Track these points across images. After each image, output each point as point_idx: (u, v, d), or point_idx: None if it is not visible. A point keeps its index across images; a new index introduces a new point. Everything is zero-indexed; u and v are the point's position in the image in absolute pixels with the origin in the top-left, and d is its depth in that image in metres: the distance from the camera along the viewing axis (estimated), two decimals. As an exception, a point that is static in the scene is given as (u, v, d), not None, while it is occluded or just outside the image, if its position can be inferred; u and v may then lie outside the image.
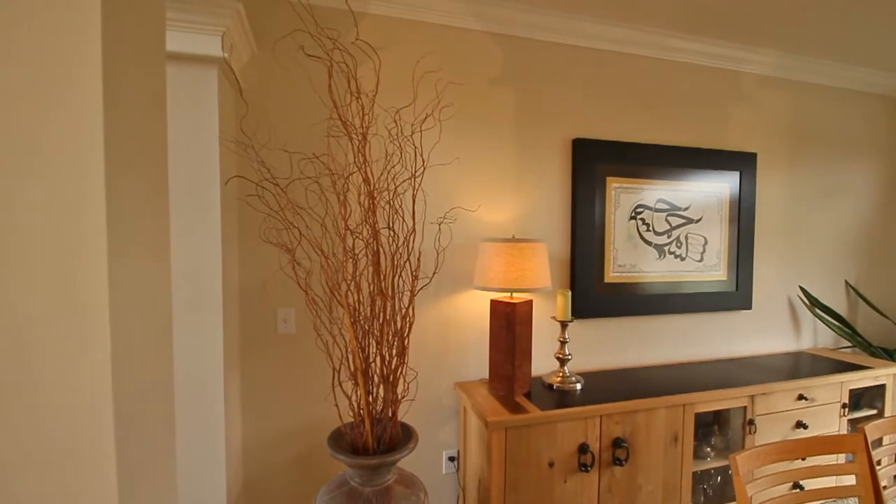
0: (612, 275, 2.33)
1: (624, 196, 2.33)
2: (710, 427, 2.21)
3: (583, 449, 1.75)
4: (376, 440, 1.41)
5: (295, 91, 1.86)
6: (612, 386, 2.02)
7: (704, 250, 2.50)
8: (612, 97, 2.32)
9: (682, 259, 2.46)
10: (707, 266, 2.51)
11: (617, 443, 1.80)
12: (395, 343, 1.46)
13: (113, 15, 0.64)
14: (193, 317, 1.45)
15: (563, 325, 1.99)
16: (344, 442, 1.44)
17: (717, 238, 2.53)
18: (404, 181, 1.67)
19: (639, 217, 2.37)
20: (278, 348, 1.88)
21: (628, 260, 2.36)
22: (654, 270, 2.40)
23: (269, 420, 1.88)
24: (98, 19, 0.62)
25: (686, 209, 2.45)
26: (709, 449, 2.12)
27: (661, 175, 2.39)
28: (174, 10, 1.31)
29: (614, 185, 2.31)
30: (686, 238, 2.46)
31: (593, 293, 2.28)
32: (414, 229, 1.54)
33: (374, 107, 1.84)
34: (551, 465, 1.73)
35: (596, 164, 2.26)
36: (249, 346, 1.85)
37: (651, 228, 2.39)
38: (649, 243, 2.39)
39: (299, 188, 1.72)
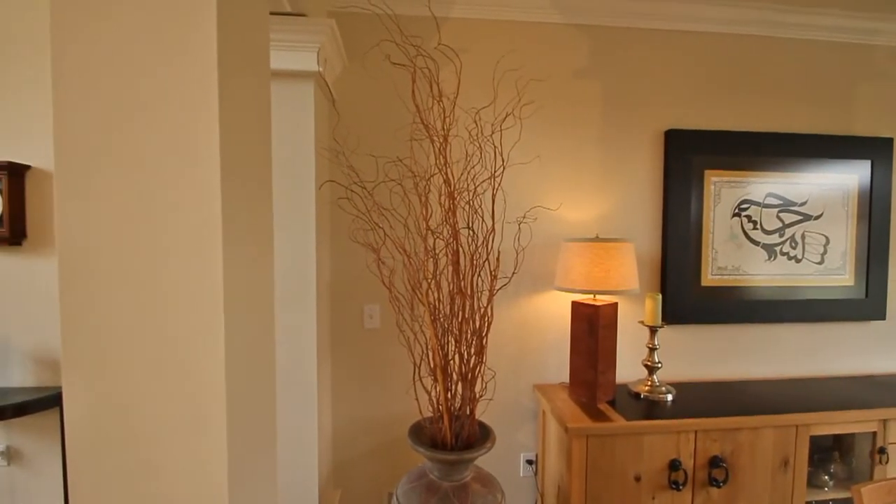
0: (710, 278, 2.13)
1: (726, 191, 2.12)
2: (829, 453, 1.93)
3: (674, 465, 1.63)
4: (454, 436, 1.44)
5: (381, 98, 1.95)
6: (708, 399, 1.86)
7: (826, 251, 2.19)
8: (712, 83, 2.12)
9: (798, 261, 2.18)
10: (829, 269, 2.20)
11: (714, 462, 1.65)
12: (474, 342, 1.47)
13: (226, 43, 0.73)
14: (290, 310, 1.59)
15: (653, 330, 1.87)
16: (423, 435, 1.48)
17: (842, 237, 2.20)
18: (484, 181, 1.67)
19: (744, 214, 2.14)
20: (364, 342, 2.00)
21: (730, 261, 2.14)
22: (762, 273, 2.16)
23: (355, 409, 2.00)
24: (214, 51, 0.71)
25: (803, 204, 2.16)
26: (826, 477, 1.86)
27: (771, 166, 2.13)
28: (276, 31, 1.45)
29: (714, 179, 2.11)
30: (803, 237, 2.17)
31: (688, 297, 2.11)
32: (493, 229, 1.54)
33: (455, 109, 1.86)
34: (638, 479, 1.63)
35: (692, 156, 2.09)
36: (339, 338, 1.98)
37: (759, 226, 2.15)
38: (756, 243, 2.15)
39: (384, 190, 1.81)
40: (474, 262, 1.50)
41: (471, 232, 1.53)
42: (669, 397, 1.84)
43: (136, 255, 0.72)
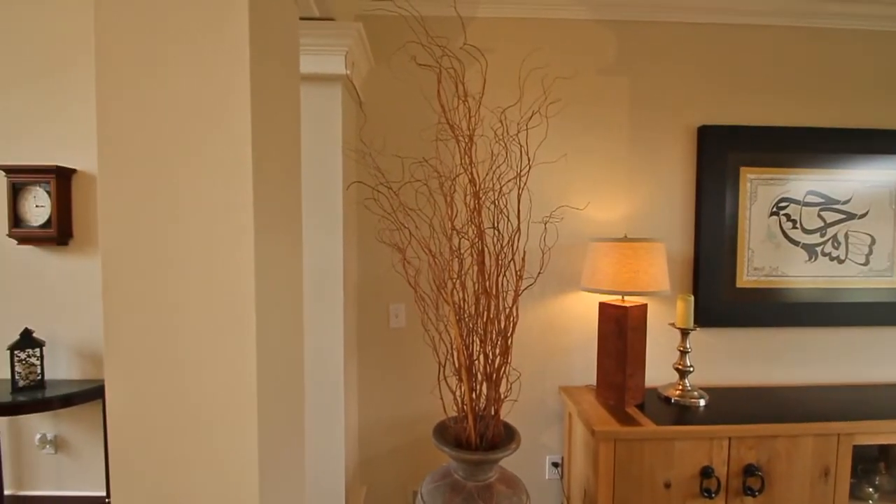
0: (745, 279, 2.05)
1: (763, 189, 2.04)
2: (875, 464, 1.83)
3: (706, 473, 1.58)
4: (479, 436, 1.44)
5: (407, 99, 1.97)
6: (743, 405, 1.79)
7: (871, 251, 2.08)
8: (748, 77, 2.04)
9: (841, 262, 2.07)
10: (874, 271, 2.08)
11: (749, 470, 1.59)
12: (499, 342, 1.47)
13: (258, 50, 0.75)
14: (318, 308, 1.62)
15: (684, 333, 1.82)
16: (448, 435, 1.49)
17: (889, 237, 2.08)
18: (509, 181, 1.66)
19: (782, 212, 2.05)
20: (390, 341, 2.02)
21: (768, 262, 2.06)
22: (801, 275, 2.07)
23: (381, 407, 2.03)
24: (247, 59, 0.73)
25: (846, 202, 2.06)
26: (871, 490, 1.77)
27: (812, 163, 2.04)
28: (305, 36, 1.48)
29: (750, 177, 2.04)
30: (846, 237, 2.07)
31: (722, 299, 2.04)
32: (519, 229, 1.53)
33: (481, 108, 1.86)
34: (668, 486, 1.59)
35: (727, 153, 2.02)
36: (365, 337, 2.01)
37: (798, 225, 2.06)
38: (796, 243, 2.06)
39: (410, 191, 1.82)
40: (499, 261, 1.50)
41: (496, 232, 1.53)
42: (702, 402, 1.78)
43: (173, 255, 0.75)
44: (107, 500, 2.29)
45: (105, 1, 0.72)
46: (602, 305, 1.83)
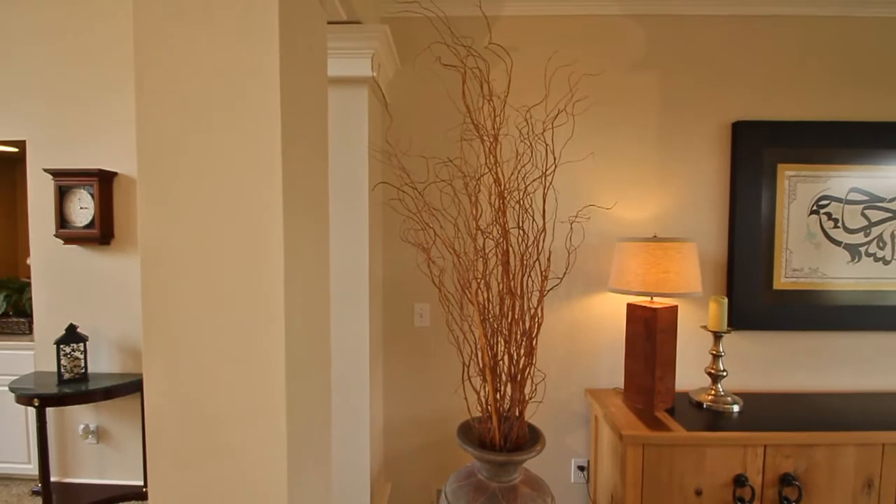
0: (783, 280, 1.97)
1: (802, 186, 1.96)
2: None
3: (739, 481, 1.53)
4: (503, 437, 1.43)
5: (432, 100, 1.97)
6: (779, 412, 1.72)
7: (922, 253, 1.96)
8: (786, 70, 1.96)
9: (887, 263, 1.97)
10: (926, 273, 1.96)
11: (786, 479, 1.52)
12: (523, 343, 1.46)
13: (288, 58, 0.77)
14: (344, 307, 1.65)
15: (717, 336, 1.76)
16: (472, 435, 1.49)
17: (945, 237, 1.96)
18: (535, 180, 1.65)
19: (823, 211, 1.96)
20: (414, 340, 2.03)
21: (807, 263, 1.97)
22: (843, 276, 1.97)
23: (405, 405, 2.04)
24: (277, 67, 0.75)
25: (892, 200, 1.95)
26: (924, 506, 1.66)
27: (855, 159, 1.94)
28: (332, 40, 1.51)
29: (788, 174, 1.95)
30: (892, 236, 1.96)
31: (757, 301, 1.96)
32: (544, 228, 1.52)
33: (506, 107, 1.85)
34: (699, 493, 1.54)
35: (763, 149, 1.94)
36: (390, 336, 2.03)
37: (840, 224, 1.96)
38: (838, 243, 1.97)
39: (434, 191, 1.83)
40: (524, 262, 1.48)
41: (521, 231, 1.51)
42: (735, 408, 1.72)
43: (207, 254, 0.77)
44: (144, 490, 2.40)
45: (143, 13, 0.75)
46: (630, 307, 1.79)
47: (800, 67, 1.96)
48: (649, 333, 1.70)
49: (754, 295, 1.96)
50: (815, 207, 1.96)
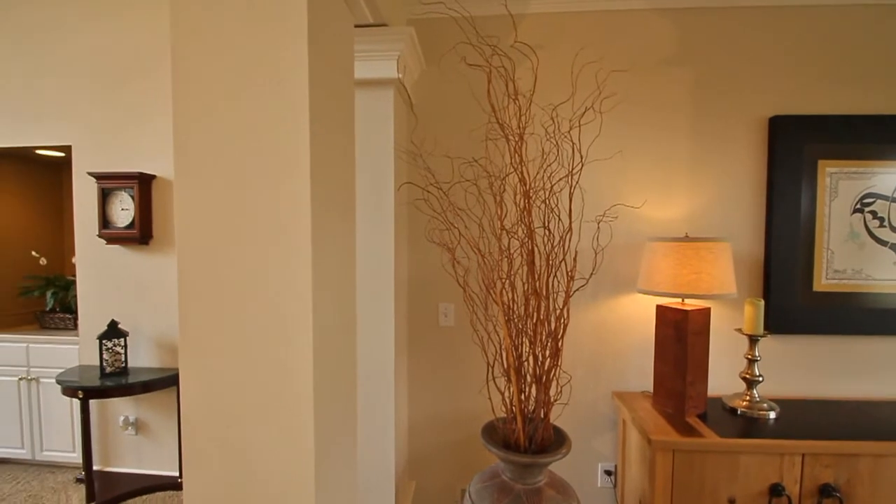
0: (824, 282, 1.88)
1: (845, 183, 1.86)
2: None
3: (776, 490, 1.47)
4: (528, 439, 1.42)
5: (457, 100, 1.98)
6: (818, 419, 1.64)
7: (980, 254, 1.84)
8: (826, 62, 1.87)
9: (941, 265, 1.85)
10: (985, 275, 1.84)
11: (825, 491, 1.45)
12: (549, 344, 1.44)
13: (317, 59, 0.79)
14: (370, 307, 1.67)
15: (753, 340, 1.69)
16: (497, 435, 1.48)
17: None
18: (561, 179, 1.63)
19: (867, 209, 1.86)
20: (439, 340, 2.04)
21: (850, 264, 1.87)
22: (890, 278, 1.86)
23: (430, 405, 2.05)
24: (306, 77, 0.77)
25: (948, 198, 1.84)
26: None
27: (904, 155, 1.83)
28: (359, 43, 1.53)
29: (830, 170, 1.86)
30: (948, 237, 1.84)
31: (796, 304, 1.88)
32: (570, 228, 1.49)
33: (531, 106, 1.84)
34: (732, 502, 1.49)
35: (803, 145, 1.86)
36: (415, 335, 2.04)
37: (887, 223, 1.86)
38: (884, 243, 1.86)
39: (459, 191, 1.83)
40: (550, 262, 1.47)
41: (547, 231, 1.50)
42: (772, 415, 1.65)
43: (240, 255, 0.80)
44: (179, 480, 2.49)
45: (181, 23, 0.78)
46: (660, 308, 1.75)
47: (840, 58, 1.86)
48: (680, 336, 1.65)
49: (793, 297, 1.88)
50: (858, 206, 1.86)
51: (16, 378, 2.65)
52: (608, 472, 2.01)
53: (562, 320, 1.44)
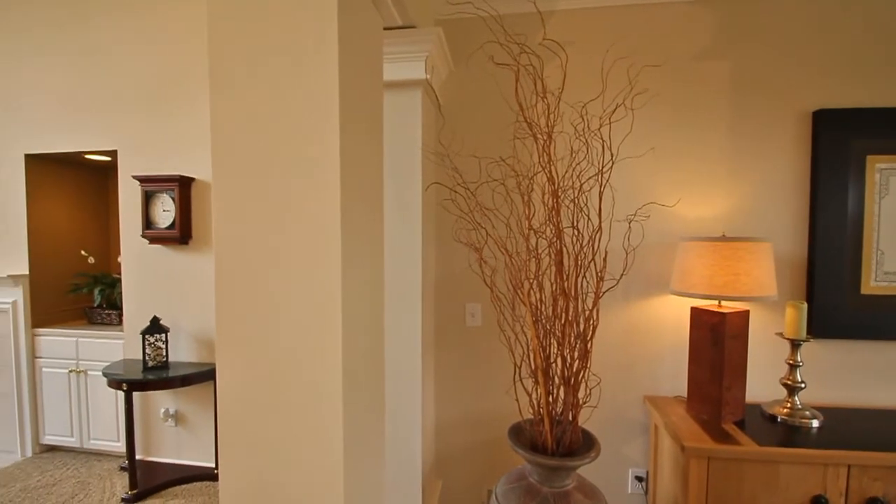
0: (873, 284, 1.78)
1: (896, 180, 1.76)
2: None
3: (818, 503, 1.39)
4: (556, 441, 1.40)
5: (484, 99, 1.97)
6: (866, 429, 1.55)
7: None
8: (874, 52, 1.76)
9: None
10: None
11: (876, 505, 1.38)
12: (577, 345, 1.42)
13: (347, 63, 0.80)
14: (398, 306, 1.68)
15: (795, 344, 1.62)
16: (523, 437, 1.47)
17: None
18: (590, 178, 1.60)
19: (923, 208, 1.75)
20: (466, 339, 2.04)
21: (903, 266, 1.77)
22: (950, 282, 1.74)
23: (456, 404, 2.05)
24: (336, 75, 0.78)
25: None
26: None
27: (966, 149, 1.71)
28: (387, 45, 1.54)
29: (880, 166, 1.76)
30: None
31: (842, 308, 1.78)
32: (600, 228, 1.47)
33: (560, 104, 1.82)
34: (771, 512, 1.43)
35: (850, 139, 1.76)
36: (442, 335, 2.05)
37: (946, 223, 1.74)
38: (942, 244, 1.74)
39: (486, 191, 1.83)
40: (579, 262, 1.44)
41: (575, 231, 1.48)
42: (815, 423, 1.57)
43: (273, 255, 0.82)
44: (215, 472, 2.58)
45: (217, 34, 0.82)
46: (695, 311, 1.69)
47: (890, 48, 1.75)
48: (716, 340, 1.59)
49: (838, 300, 1.78)
50: (913, 203, 1.75)
51: (66, 370, 2.81)
52: (639, 479, 1.96)
53: (591, 322, 1.42)
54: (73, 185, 3.22)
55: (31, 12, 2.73)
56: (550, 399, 1.43)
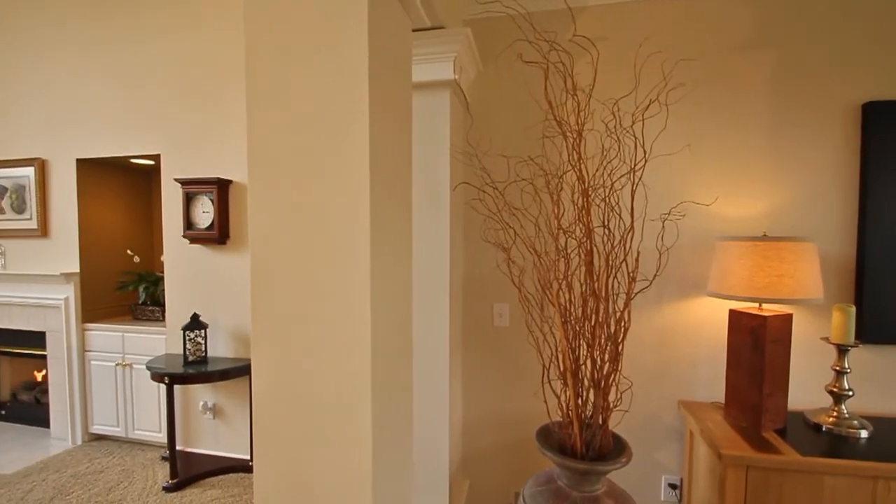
0: (931, 288, 1.66)
1: (959, 177, 1.64)
2: None
3: (870, 518, 1.32)
4: (585, 445, 1.38)
5: (513, 98, 1.96)
6: (926, 443, 1.46)
7: None
8: (937, 39, 1.65)
9: None
10: None
11: (934, 524, 1.29)
12: (608, 347, 1.39)
13: (376, 66, 0.81)
14: (426, 306, 1.69)
15: (842, 350, 1.53)
16: (552, 439, 1.45)
17: None
18: (622, 176, 1.57)
19: None
20: (493, 340, 2.03)
21: (966, 268, 1.64)
22: None
23: (484, 405, 2.05)
24: (366, 77, 0.80)
25: None
26: None
27: None
28: (416, 46, 1.56)
29: (939, 163, 1.65)
30: None
31: (894, 311, 1.68)
32: (632, 227, 1.43)
33: (590, 101, 1.78)
34: (816, 526, 1.36)
35: (905, 134, 1.65)
36: (469, 335, 2.05)
37: None
38: None
39: (515, 190, 1.81)
40: (610, 262, 1.41)
41: (606, 230, 1.45)
42: (863, 433, 1.49)
43: (305, 254, 0.85)
44: (250, 463, 2.67)
45: (253, 43, 0.85)
46: (734, 313, 1.63)
47: (957, 34, 1.64)
48: (757, 344, 1.53)
49: (890, 303, 1.68)
50: (978, 201, 1.62)
51: (113, 364, 2.97)
52: (673, 486, 1.90)
53: (622, 323, 1.39)
54: (120, 188, 3.40)
55: (95, 31, 2.90)
56: (580, 402, 1.41)
